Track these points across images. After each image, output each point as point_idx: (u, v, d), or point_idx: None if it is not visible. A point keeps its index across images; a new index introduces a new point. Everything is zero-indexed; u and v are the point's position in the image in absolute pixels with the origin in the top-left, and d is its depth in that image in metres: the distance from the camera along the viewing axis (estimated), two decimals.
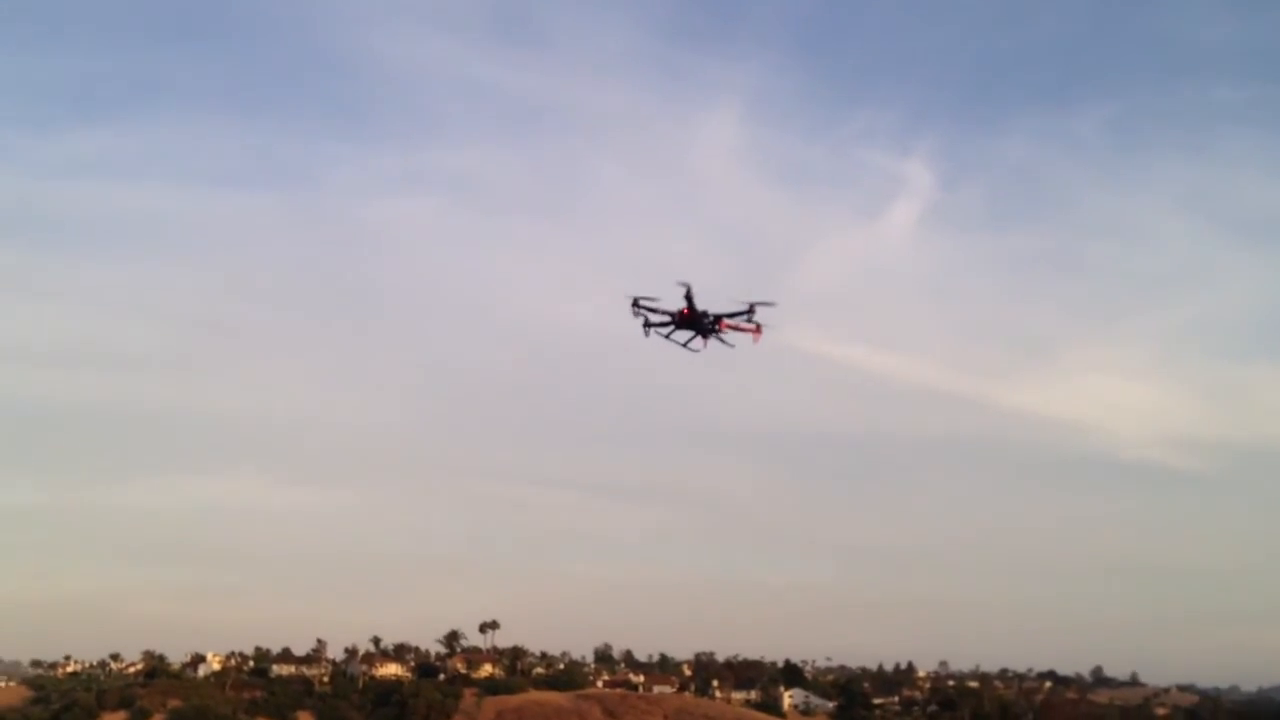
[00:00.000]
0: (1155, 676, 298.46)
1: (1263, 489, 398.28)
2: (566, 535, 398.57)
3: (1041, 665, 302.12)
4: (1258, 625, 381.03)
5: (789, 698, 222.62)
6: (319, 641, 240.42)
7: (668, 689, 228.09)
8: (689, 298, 68.60)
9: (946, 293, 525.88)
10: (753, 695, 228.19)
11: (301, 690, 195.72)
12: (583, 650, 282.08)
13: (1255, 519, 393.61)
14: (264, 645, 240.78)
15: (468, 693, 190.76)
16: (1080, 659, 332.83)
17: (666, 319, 69.58)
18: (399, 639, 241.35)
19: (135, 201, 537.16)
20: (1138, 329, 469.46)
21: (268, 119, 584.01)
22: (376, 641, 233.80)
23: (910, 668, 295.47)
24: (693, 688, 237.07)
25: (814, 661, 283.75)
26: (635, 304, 69.37)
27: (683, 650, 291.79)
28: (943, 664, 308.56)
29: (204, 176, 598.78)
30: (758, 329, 70.76)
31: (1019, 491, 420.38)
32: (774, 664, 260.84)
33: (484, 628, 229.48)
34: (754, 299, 70.37)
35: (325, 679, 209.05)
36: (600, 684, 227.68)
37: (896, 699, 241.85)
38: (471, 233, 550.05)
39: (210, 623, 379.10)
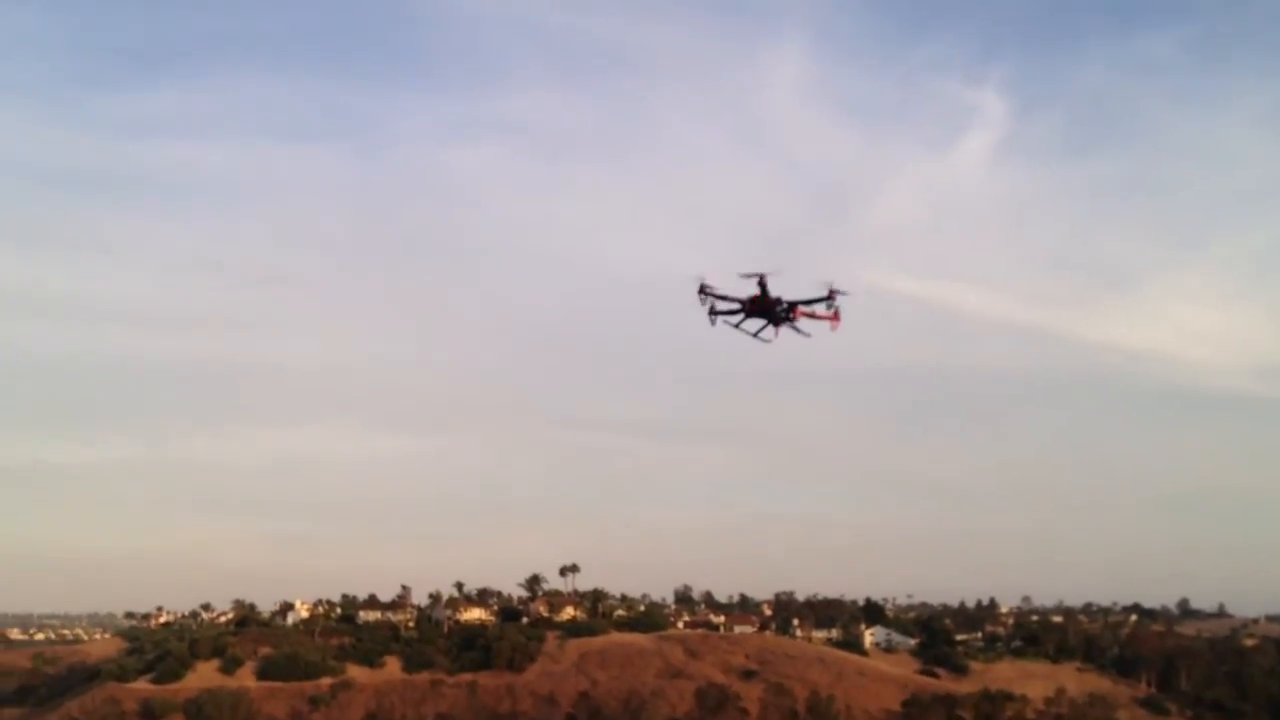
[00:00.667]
0: (1243, 607, 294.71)
1: None
2: (644, 479, 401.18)
3: (1126, 599, 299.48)
4: None
5: (870, 635, 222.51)
6: (403, 588, 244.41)
7: (748, 629, 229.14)
8: (763, 285, 64.47)
9: (1023, 224, 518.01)
10: (834, 634, 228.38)
11: (388, 636, 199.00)
12: (663, 592, 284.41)
13: None
14: (350, 593, 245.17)
15: (550, 635, 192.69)
16: (1166, 592, 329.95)
17: (735, 306, 65.41)
18: (482, 584, 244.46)
19: (207, 158, 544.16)
20: (1221, 254, 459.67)
21: (333, 71, 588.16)
22: (460, 586, 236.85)
23: (993, 604, 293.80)
24: (773, 627, 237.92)
25: (894, 599, 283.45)
26: (702, 290, 65.51)
27: (763, 590, 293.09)
28: (1025, 599, 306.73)
29: (274, 131, 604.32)
30: (836, 315, 66.31)
31: (1102, 425, 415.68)
32: (854, 602, 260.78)
33: (564, 571, 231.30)
34: (832, 285, 65.44)
35: (410, 624, 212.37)
36: (681, 625, 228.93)
37: (979, 635, 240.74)
38: (539, 178, 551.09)
39: (298, 572, 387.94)
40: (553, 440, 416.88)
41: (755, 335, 65.94)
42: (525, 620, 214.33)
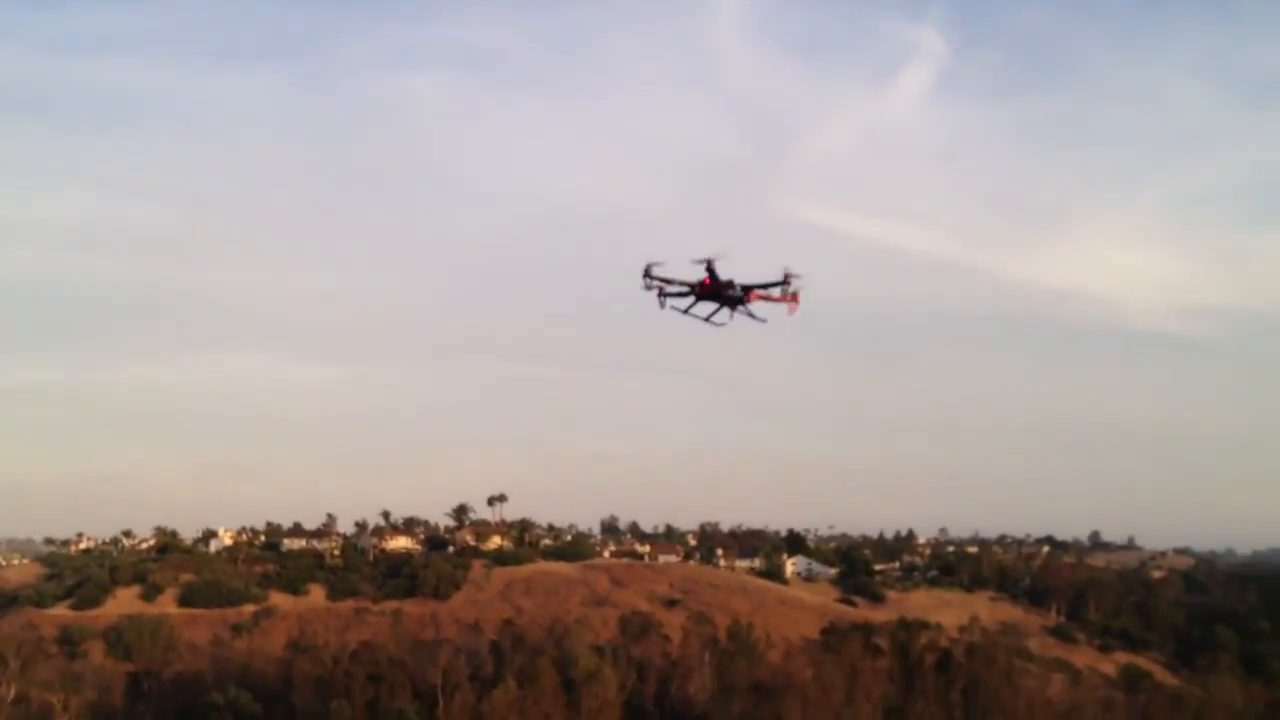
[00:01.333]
0: (1152, 540, 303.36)
1: (1268, 356, 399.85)
2: (573, 410, 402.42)
3: (1040, 531, 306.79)
4: (1255, 490, 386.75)
5: (791, 565, 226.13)
6: (329, 516, 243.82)
7: (673, 558, 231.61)
8: (711, 269, 59.66)
9: (959, 162, 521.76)
10: (756, 563, 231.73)
11: (312, 564, 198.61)
12: (590, 522, 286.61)
13: (1258, 386, 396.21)
14: (275, 521, 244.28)
15: (477, 564, 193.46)
16: (1078, 524, 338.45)
17: (685, 290, 60.32)
18: (408, 513, 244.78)
19: (141, 77, 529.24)
20: (1151, 197, 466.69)
21: None
22: (386, 515, 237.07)
23: (910, 535, 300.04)
24: (698, 557, 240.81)
25: (816, 530, 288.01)
26: (648, 274, 60.17)
27: (688, 521, 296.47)
28: (942, 531, 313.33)
29: (211, 52, 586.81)
30: (794, 298, 62.03)
31: (1025, 361, 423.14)
32: (777, 533, 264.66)
33: (492, 501, 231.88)
34: (789, 269, 61.78)
35: (336, 552, 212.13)
36: (607, 555, 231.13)
37: (897, 565, 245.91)
38: (481, 108, 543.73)
39: (221, 499, 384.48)
40: (486, 370, 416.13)
41: (707, 319, 62.23)
42: (451, 549, 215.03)
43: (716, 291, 60.48)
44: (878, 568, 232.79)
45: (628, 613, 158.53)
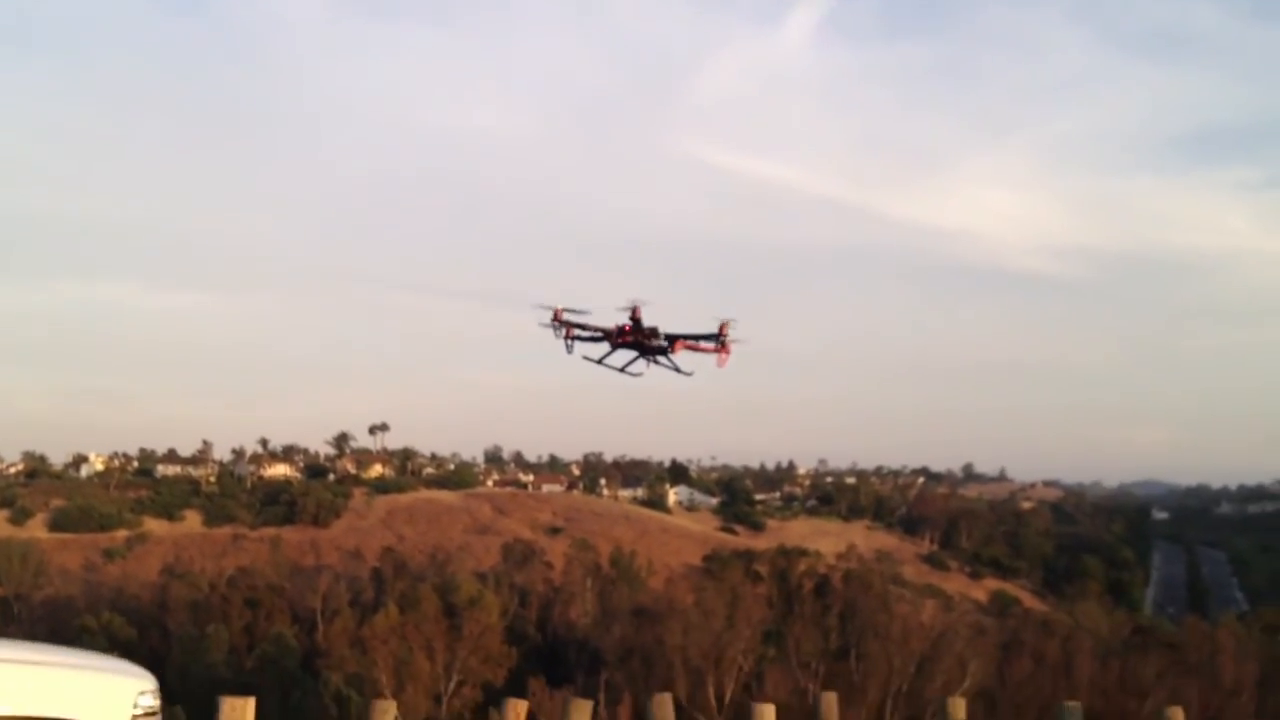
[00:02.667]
0: (1022, 473, 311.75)
1: (1132, 295, 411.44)
2: (457, 342, 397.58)
3: (915, 463, 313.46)
4: (1121, 425, 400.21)
5: (674, 494, 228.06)
6: (204, 443, 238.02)
7: (557, 488, 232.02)
8: (635, 317, 46.67)
9: (843, 102, 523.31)
10: (639, 493, 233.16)
11: (188, 490, 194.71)
12: (473, 452, 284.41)
13: (1124, 324, 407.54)
14: (148, 447, 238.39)
15: (357, 492, 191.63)
16: (952, 456, 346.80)
17: (599, 336, 48.77)
18: (287, 441, 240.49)
19: None
20: (1027, 139, 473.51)
21: None
22: (264, 443, 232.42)
23: (791, 466, 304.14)
24: (581, 486, 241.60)
25: (698, 461, 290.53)
26: (556, 319, 48.56)
27: (572, 451, 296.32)
28: (822, 462, 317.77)
29: None
30: (725, 348, 51.97)
31: (903, 298, 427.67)
32: (660, 463, 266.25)
33: (373, 430, 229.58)
34: (723, 318, 54.06)
35: (212, 479, 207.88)
36: (490, 484, 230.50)
37: (777, 494, 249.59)
38: (356, 33, 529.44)
39: (93, 424, 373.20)
40: (363, 301, 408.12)
41: (623, 370, 51.60)
42: (332, 477, 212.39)
43: (638, 341, 49.95)
44: (758, 497, 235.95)
45: (510, 540, 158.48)
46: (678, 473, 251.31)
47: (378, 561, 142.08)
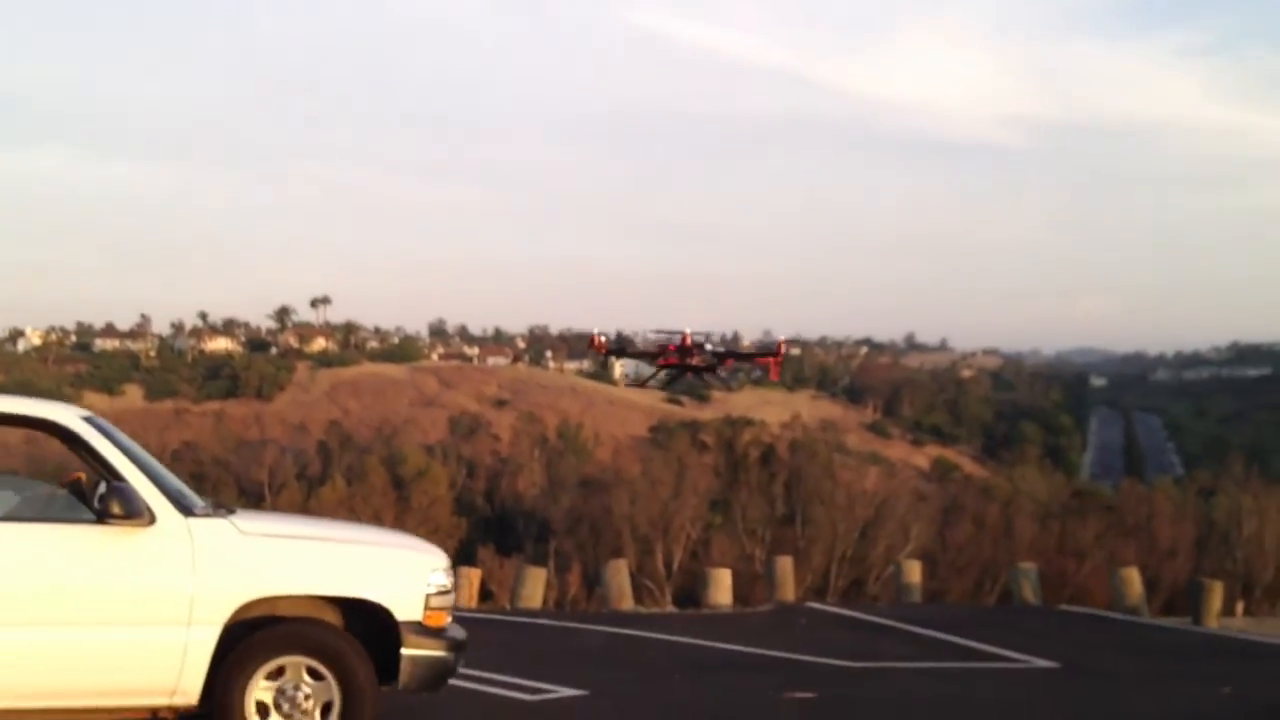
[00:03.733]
0: (963, 342, 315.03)
1: (1072, 163, 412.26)
2: (399, 215, 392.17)
3: (859, 333, 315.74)
4: (1060, 293, 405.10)
5: (620, 367, 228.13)
6: (143, 317, 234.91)
7: (502, 361, 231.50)
8: (684, 344, 44.24)
9: None
10: (585, 365, 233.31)
11: (128, 364, 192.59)
12: (416, 325, 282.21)
13: (1063, 192, 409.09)
14: (86, 321, 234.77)
15: (301, 366, 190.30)
16: (895, 327, 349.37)
17: (646, 356, 47.65)
18: (227, 315, 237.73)
19: None
20: (967, 6, 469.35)
21: None
22: (203, 317, 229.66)
23: (736, 338, 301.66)
24: (527, 359, 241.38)
25: (643, 333, 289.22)
26: (594, 345, 48.91)
27: (517, 324, 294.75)
28: (767, 333, 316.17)
29: None
30: (777, 360, 51.53)
31: (849, 169, 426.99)
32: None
33: (315, 304, 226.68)
34: (780, 338, 52.98)
35: (152, 353, 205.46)
36: (435, 357, 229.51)
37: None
38: None
39: (27, 298, 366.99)
40: (303, 174, 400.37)
41: (665, 387, 48.00)
42: (274, 351, 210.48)
43: (684, 364, 46.87)
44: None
45: (457, 413, 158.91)
46: (622, 345, 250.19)
47: (323, 435, 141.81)
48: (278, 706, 6.36)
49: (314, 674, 6.42)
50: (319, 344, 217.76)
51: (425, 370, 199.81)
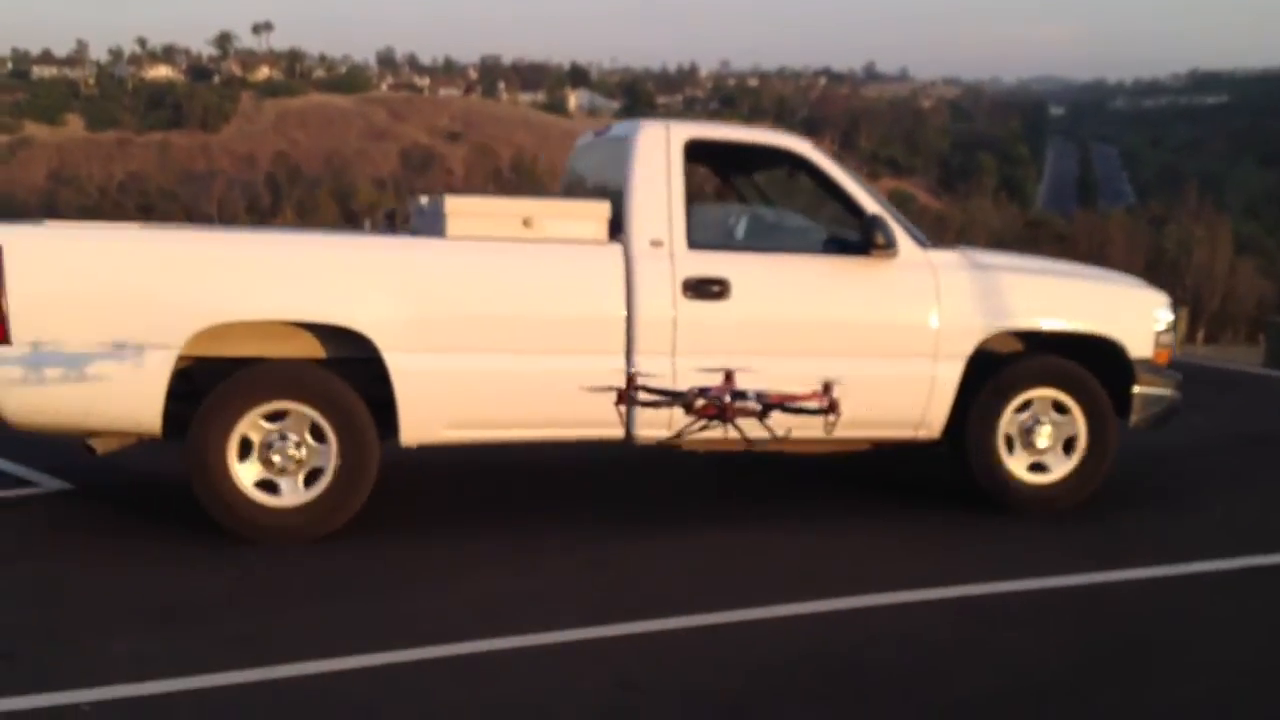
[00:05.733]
0: (923, 71, 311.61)
1: None
2: None
3: (818, 63, 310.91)
4: (1023, 21, 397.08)
5: (575, 99, 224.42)
6: (79, 42, 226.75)
7: (454, 92, 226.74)
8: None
9: None
10: (539, 97, 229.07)
11: (67, 92, 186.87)
12: (364, 54, 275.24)
13: None
14: (20, 46, 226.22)
15: (245, 95, 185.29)
16: (854, 56, 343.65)
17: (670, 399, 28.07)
18: (166, 40, 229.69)
19: None
20: None
21: None
22: (142, 43, 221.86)
23: (693, 68, 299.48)
24: (479, 90, 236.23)
25: (599, 64, 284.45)
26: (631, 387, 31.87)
27: (468, 54, 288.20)
28: (724, 63, 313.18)
29: None
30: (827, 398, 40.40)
31: None
32: (559, 66, 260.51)
33: (257, 29, 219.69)
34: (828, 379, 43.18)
35: (91, 81, 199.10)
36: (384, 88, 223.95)
37: (679, 97, 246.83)
38: None
39: None
40: None
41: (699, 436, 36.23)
42: (217, 80, 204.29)
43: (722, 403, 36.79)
44: (660, 100, 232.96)
45: (408, 146, 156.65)
46: (578, 76, 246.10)
47: (271, 167, 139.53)
48: (1024, 436, 6.27)
49: (1059, 408, 6.32)
50: (263, 73, 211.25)
51: (374, 101, 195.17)
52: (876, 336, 6.06)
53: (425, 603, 4.56)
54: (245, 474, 5.34)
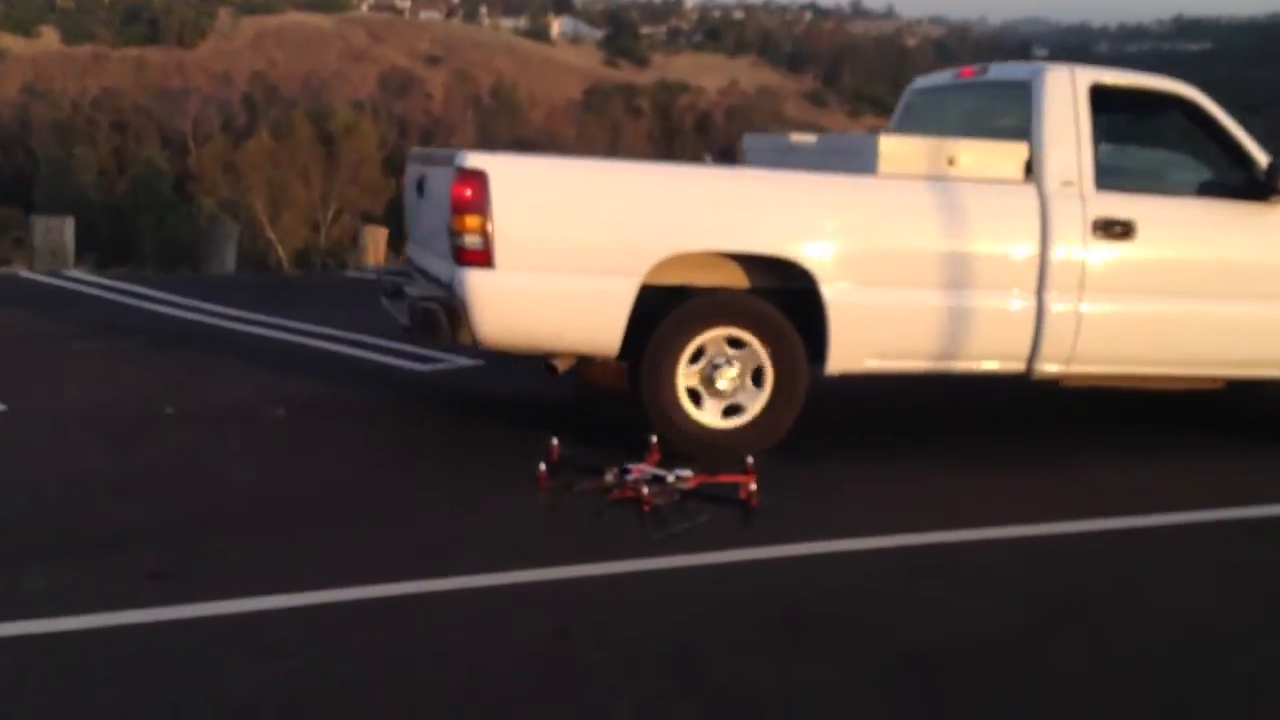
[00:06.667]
0: (910, 9, 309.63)
1: None
2: None
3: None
4: None
5: (557, 26, 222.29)
6: None
7: (435, 15, 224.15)
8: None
9: None
10: (521, 23, 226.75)
11: (43, 5, 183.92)
12: None
13: None
14: None
15: (223, 12, 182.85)
16: None
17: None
18: None
19: None
20: None
21: None
22: None
23: (679, 2, 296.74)
24: (461, 14, 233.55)
25: None
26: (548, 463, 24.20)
27: None
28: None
29: None
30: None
31: None
32: None
33: None
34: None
35: None
36: (365, 8, 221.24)
37: (664, 28, 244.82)
38: None
39: None
40: None
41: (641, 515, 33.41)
42: None
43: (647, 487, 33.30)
44: (644, 31, 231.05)
45: (388, 69, 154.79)
46: (561, 3, 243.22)
47: (248, 87, 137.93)
48: None
49: None
50: None
51: (354, 22, 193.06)
52: (1270, 280, 6.38)
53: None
54: (689, 392, 5.67)
